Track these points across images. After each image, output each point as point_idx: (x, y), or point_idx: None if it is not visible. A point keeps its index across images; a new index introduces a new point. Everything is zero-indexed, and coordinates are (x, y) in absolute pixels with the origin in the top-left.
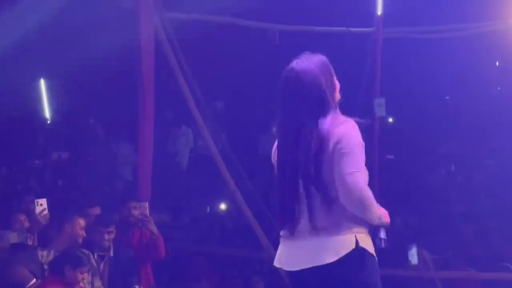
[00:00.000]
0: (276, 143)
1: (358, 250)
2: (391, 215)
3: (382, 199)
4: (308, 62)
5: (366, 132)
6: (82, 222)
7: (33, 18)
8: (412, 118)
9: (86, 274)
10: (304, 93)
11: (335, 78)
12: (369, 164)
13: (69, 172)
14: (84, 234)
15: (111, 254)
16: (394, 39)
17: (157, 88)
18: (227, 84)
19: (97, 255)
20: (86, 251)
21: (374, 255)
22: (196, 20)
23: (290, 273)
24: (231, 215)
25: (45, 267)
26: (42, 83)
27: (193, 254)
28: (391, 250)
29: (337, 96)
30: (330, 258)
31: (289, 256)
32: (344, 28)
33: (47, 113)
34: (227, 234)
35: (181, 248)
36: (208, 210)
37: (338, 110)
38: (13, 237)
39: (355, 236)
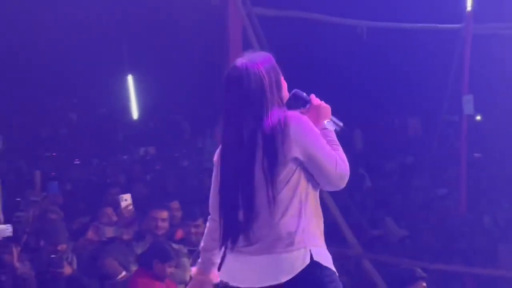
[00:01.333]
0: (220, 147)
1: (313, 264)
2: (479, 213)
3: (470, 197)
4: (252, 60)
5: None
6: (163, 214)
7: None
8: (501, 115)
9: (174, 268)
10: (246, 93)
11: (281, 76)
12: (457, 163)
13: (157, 167)
14: (166, 227)
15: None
16: (483, 35)
17: None
18: (314, 80)
19: (187, 250)
20: (177, 246)
21: (332, 268)
22: (283, 16)
23: None
24: None
25: None
26: (130, 79)
27: None
28: (480, 249)
29: (285, 95)
30: (285, 277)
31: (241, 271)
32: (433, 25)
33: (134, 109)
34: None
35: None
36: None
37: (284, 108)
38: (109, 231)
39: (310, 249)
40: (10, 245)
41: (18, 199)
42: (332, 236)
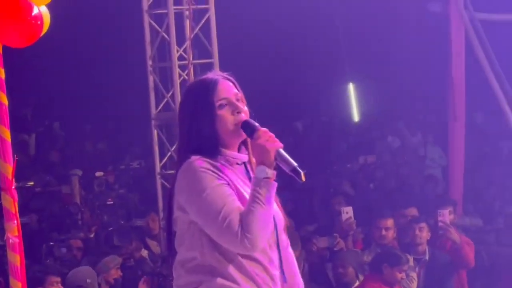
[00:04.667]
0: None
1: None
2: None
3: None
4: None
5: None
6: (388, 223)
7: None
8: None
9: (404, 274)
10: None
11: (201, 110)
12: None
13: (378, 175)
14: (391, 236)
15: (427, 258)
16: None
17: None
18: None
19: (413, 258)
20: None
21: None
22: (507, 20)
23: None
24: None
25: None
26: (351, 87)
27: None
28: None
29: (205, 133)
30: None
31: None
32: None
33: (355, 116)
34: None
35: (497, 253)
36: None
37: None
38: (323, 242)
39: None
40: None
41: None
42: None
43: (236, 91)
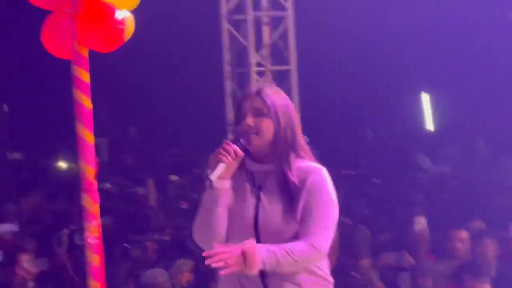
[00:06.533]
0: None
1: None
2: None
3: None
4: None
5: None
6: (462, 235)
7: None
8: None
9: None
10: None
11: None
12: None
13: (451, 186)
14: (465, 248)
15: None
16: None
17: None
18: None
19: None
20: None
21: None
22: None
23: None
24: None
25: None
26: (425, 96)
27: None
28: None
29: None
30: None
31: None
32: None
33: (430, 126)
34: None
35: None
36: None
37: None
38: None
39: None
40: None
41: None
42: None
43: (258, 105)
